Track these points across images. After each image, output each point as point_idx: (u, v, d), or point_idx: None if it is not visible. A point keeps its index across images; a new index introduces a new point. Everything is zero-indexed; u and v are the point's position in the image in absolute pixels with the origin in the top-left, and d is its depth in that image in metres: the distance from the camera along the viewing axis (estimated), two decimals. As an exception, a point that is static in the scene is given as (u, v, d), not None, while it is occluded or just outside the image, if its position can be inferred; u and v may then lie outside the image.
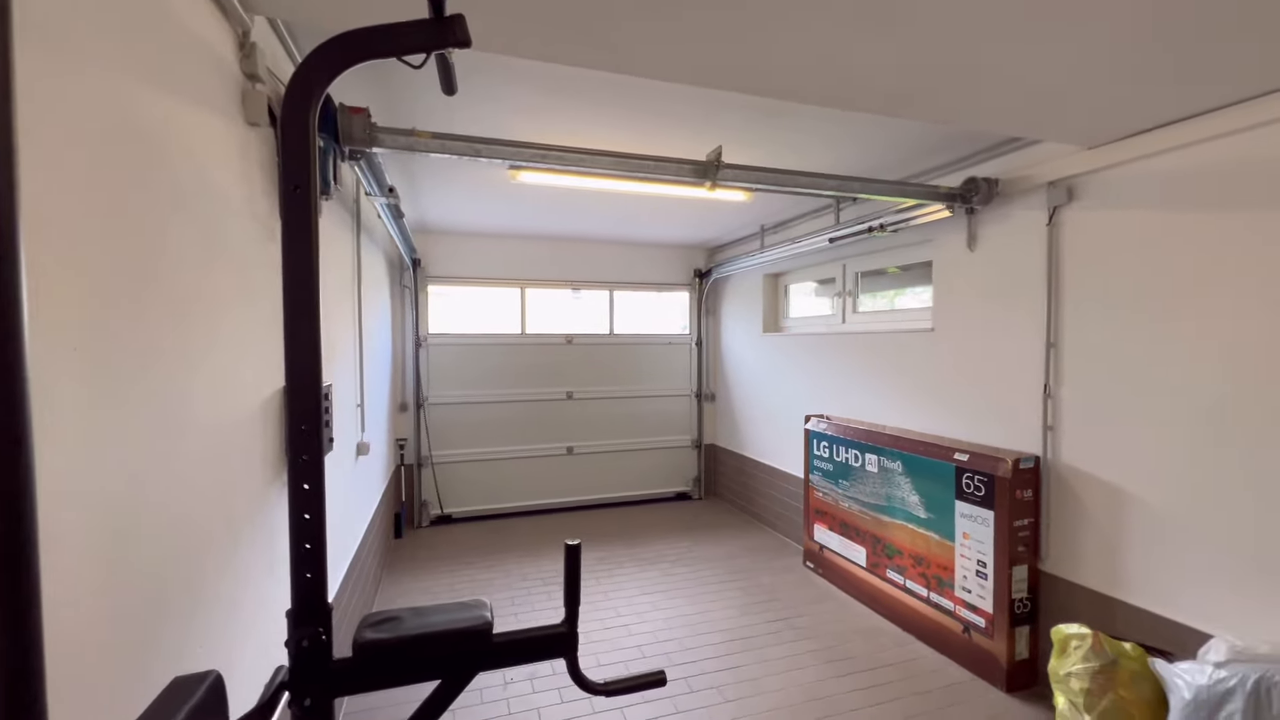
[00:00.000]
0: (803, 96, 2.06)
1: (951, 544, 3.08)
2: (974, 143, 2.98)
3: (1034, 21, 1.60)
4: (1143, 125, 2.33)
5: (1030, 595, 2.84)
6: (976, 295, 3.18)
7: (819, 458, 4.16)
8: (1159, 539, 2.41)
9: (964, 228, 3.22)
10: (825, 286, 4.72)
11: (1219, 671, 1.90)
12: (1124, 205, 2.50)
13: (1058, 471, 2.78)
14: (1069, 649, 2.38)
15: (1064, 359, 2.74)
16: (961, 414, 3.28)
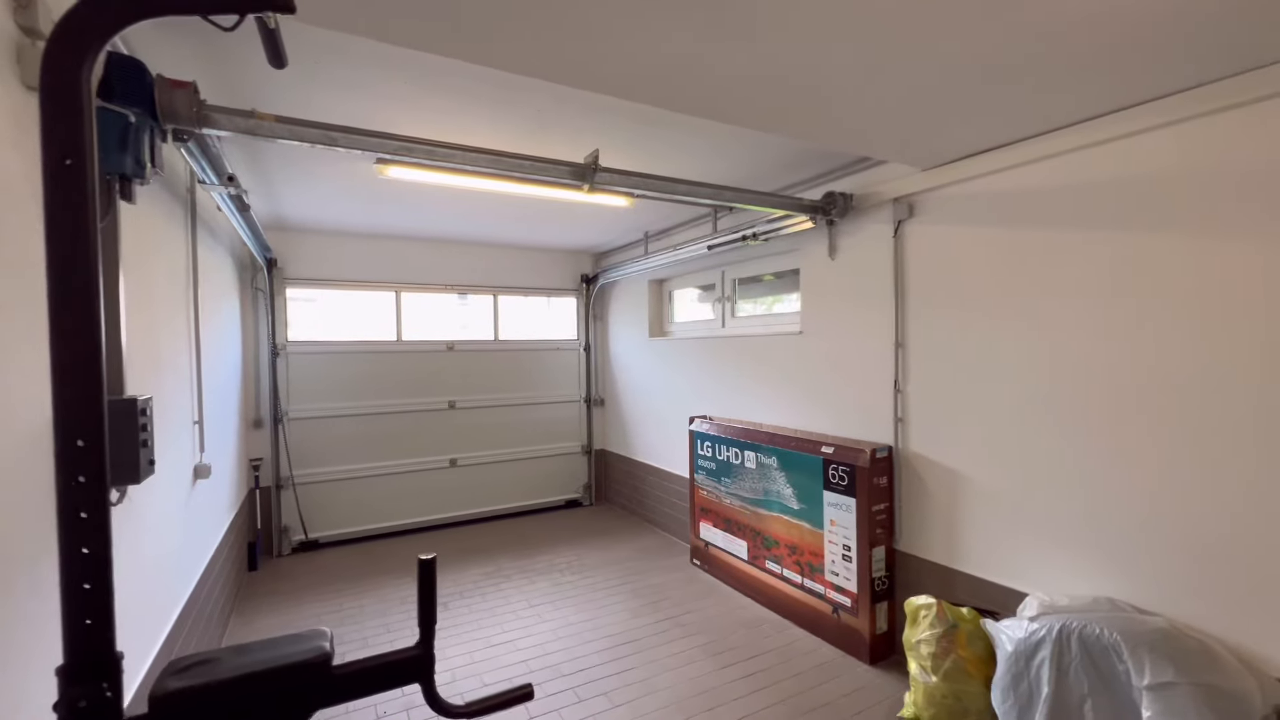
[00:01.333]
0: (672, 103, 2.11)
1: (821, 531, 3.30)
2: (832, 160, 3.24)
3: (875, 50, 1.77)
4: (966, 151, 2.66)
5: (888, 573, 3.11)
6: (838, 300, 3.45)
7: (703, 457, 4.29)
8: (988, 515, 2.74)
9: (825, 238, 3.48)
10: (707, 292, 4.91)
11: (1032, 624, 2.19)
12: (954, 220, 2.83)
13: (907, 459, 3.08)
14: (919, 619, 2.63)
15: (910, 358, 3.05)
16: (828, 410, 3.53)
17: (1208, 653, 1.91)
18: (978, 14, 1.59)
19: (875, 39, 1.71)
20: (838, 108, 2.18)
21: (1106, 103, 2.15)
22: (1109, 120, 2.24)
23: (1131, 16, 1.60)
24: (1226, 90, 1.95)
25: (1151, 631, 1.97)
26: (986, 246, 2.70)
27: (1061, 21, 1.63)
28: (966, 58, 1.82)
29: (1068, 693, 2.06)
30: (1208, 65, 1.88)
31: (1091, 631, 2.03)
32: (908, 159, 2.79)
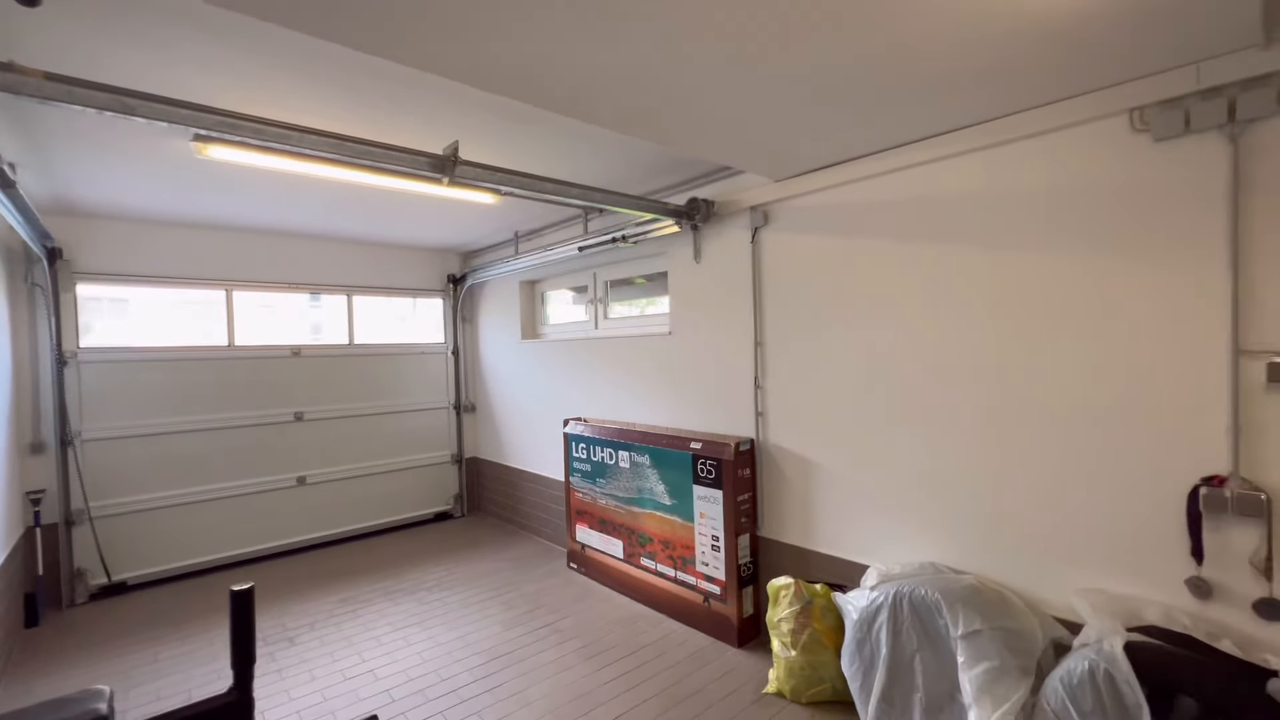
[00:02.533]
0: (535, 98, 2.07)
1: (692, 524, 3.42)
2: (696, 167, 3.38)
3: (729, 65, 1.86)
4: (813, 165, 2.90)
5: (752, 559, 3.30)
6: (703, 302, 3.61)
7: (578, 459, 4.27)
8: (836, 498, 3.01)
9: (691, 242, 3.63)
10: (580, 294, 4.89)
11: (873, 593, 2.44)
12: (802, 229, 3.08)
13: (768, 451, 3.30)
14: (779, 599, 2.82)
15: (768, 355, 3.26)
16: (696, 407, 3.68)
17: (1004, 601, 2.25)
18: (807, 43, 1.73)
19: (727, 56, 1.80)
20: (698, 114, 2.27)
21: (923, 130, 2.46)
22: (925, 145, 2.56)
23: (938, 57, 1.85)
24: (1018, 123, 2.32)
25: (964, 588, 2.27)
26: (828, 253, 2.97)
27: (876, 55, 1.83)
28: (801, 81, 1.99)
29: (901, 651, 2.32)
30: (1001, 102, 2.22)
31: (919, 594, 2.31)
32: (762, 170, 2.99)
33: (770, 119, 2.32)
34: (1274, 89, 1.80)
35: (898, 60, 1.88)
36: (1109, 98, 2.09)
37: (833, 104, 2.20)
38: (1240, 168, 1.89)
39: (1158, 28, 1.72)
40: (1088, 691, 1.86)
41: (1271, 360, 1.84)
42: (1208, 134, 1.93)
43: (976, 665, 2.10)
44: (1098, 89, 2.11)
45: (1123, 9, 1.62)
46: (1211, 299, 1.94)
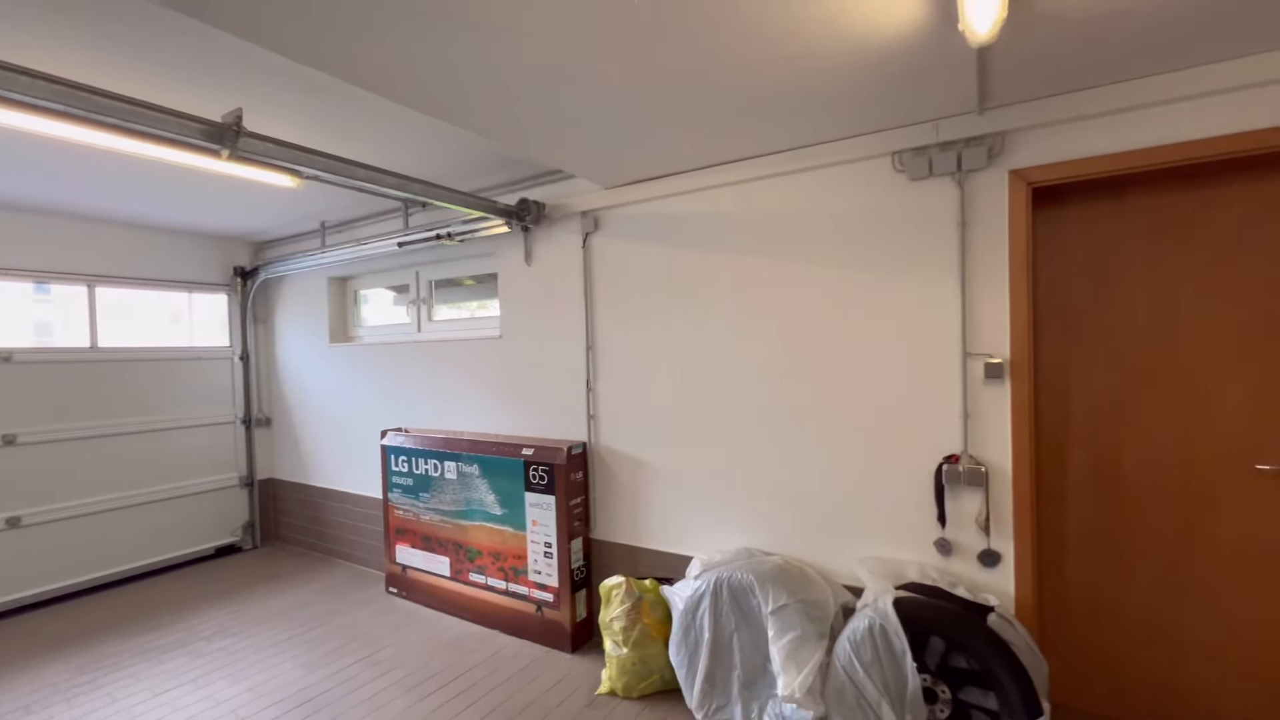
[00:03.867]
0: (331, 68, 1.85)
1: (524, 533, 3.33)
2: (527, 168, 3.32)
3: (550, 68, 1.85)
4: (639, 176, 3.02)
5: (585, 562, 3.32)
6: (535, 305, 3.55)
7: (398, 473, 3.92)
8: (663, 494, 3.15)
9: (522, 244, 3.55)
10: (402, 294, 4.51)
11: (696, 582, 2.59)
12: (630, 236, 3.19)
13: (599, 453, 3.34)
14: (611, 598, 2.87)
15: (599, 358, 3.31)
16: (529, 412, 3.60)
17: (805, 576, 2.53)
18: (635, 59, 1.80)
19: (557, 60, 1.79)
20: (526, 114, 2.23)
21: (740, 151, 2.70)
22: (742, 165, 2.81)
23: (750, 89, 2.03)
24: (815, 154, 2.64)
25: (773, 568, 2.52)
26: (655, 260, 3.11)
27: (697, 79, 1.96)
28: (630, 94, 2.06)
29: (721, 632, 2.49)
30: (802, 134, 2.51)
31: (736, 578, 2.50)
32: (593, 176, 3.03)
33: (598, 127, 2.36)
34: (985, 147, 2.29)
35: (718, 87, 2.03)
36: (879, 141, 2.49)
37: (657, 119, 2.30)
38: (965, 206, 2.36)
39: (910, 89, 2.09)
40: (867, 645, 2.17)
41: (987, 360, 2.32)
42: (945, 178, 2.39)
43: (784, 636, 2.33)
44: (871, 132, 2.49)
45: (890, 68, 1.94)
46: (951, 310, 2.40)
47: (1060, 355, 2.39)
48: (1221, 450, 2.15)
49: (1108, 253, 2.31)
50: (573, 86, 2.02)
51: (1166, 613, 2.26)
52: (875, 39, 1.76)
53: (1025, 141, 2.26)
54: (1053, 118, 2.18)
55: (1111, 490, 2.33)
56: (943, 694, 2.17)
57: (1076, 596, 2.40)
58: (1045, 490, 2.43)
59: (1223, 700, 2.18)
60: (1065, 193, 2.32)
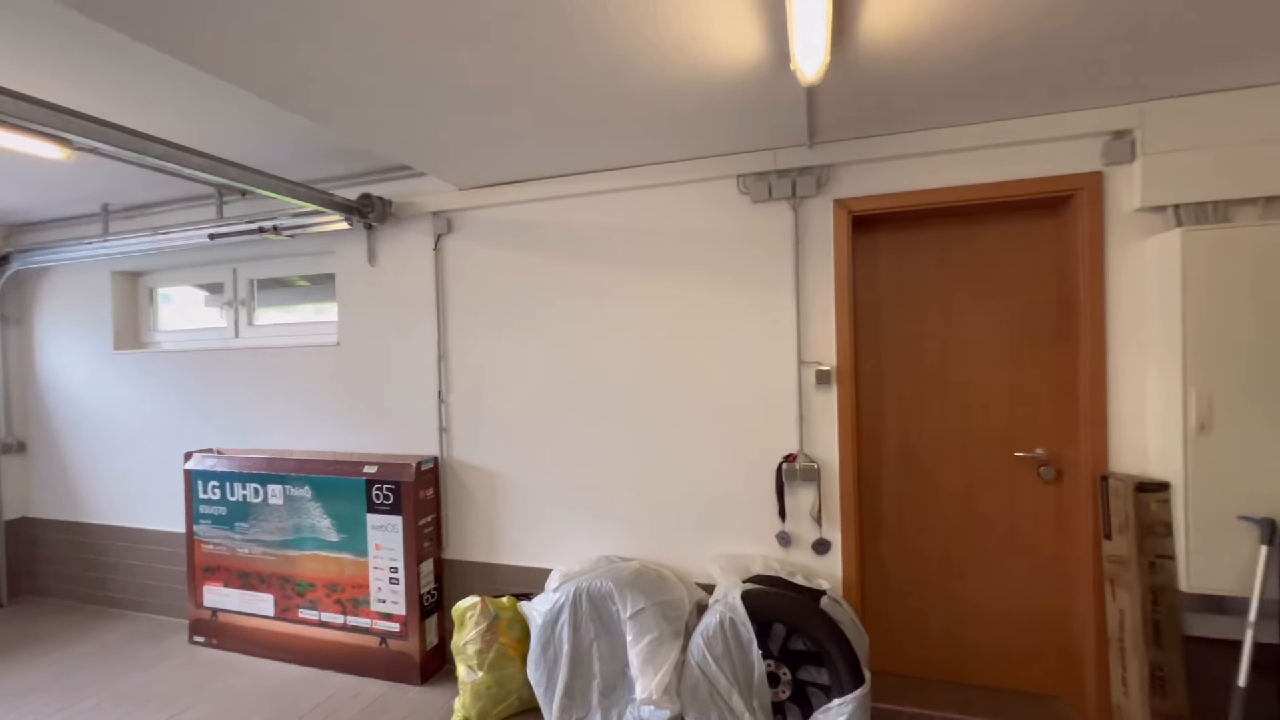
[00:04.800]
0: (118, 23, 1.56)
1: (365, 560, 3.04)
2: (371, 161, 3.06)
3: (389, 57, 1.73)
4: (495, 179, 2.93)
5: (436, 585, 3.11)
6: (380, 310, 3.27)
7: (207, 502, 3.37)
8: (521, 506, 3.06)
9: (365, 243, 3.26)
10: (215, 294, 3.91)
11: (555, 594, 2.54)
12: (486, 240, 3.08)
13: (452, 468, 3.16)
14: (465, 621, 2.71)
15: (452, 367, 3.14)
16: (372, 427, 3.30)
17: (662, 578, 2.61)
18: (470, 62, 1.75)
19: (399, 51, 1.67)
20: (368, 104, 2.05)
21: (596, 163, 2.73)
22: (600, 176, 2.84)
23: (605, 104, 2.07)
24: (670, 171, 2.75)
25: (631, 574, 2.56)
26: (513, 266, 3.04)
27: (550, 87, 1.96)
28: (472, 95, 1.99)
29: (581, 643, 2.47)
30: (657, 150, 2.60)
31: (595, 586, 2.50)
32: (446, 176, 2.88)
33: (450, 126, 2.25)
34: (814, 176, 2.56)
35: (574, 97, 2.04)
36: (725, 164, 2.66)
37: (511, 123, 2.25)
38: (799, 229, 2.62)
39: (752, 118, 2.26)
40: (719, 639, 2.29)
41: (818, 368, 2.58)
42: (782, 202, 2.63)
43: (642, 640, 2.37)
44: (719, 155, 2.66)
45: (735, 96, 2.08)
46: (789, 323, 2.64)
47: (875, 363, 2.74)
48: (991, 442, 2.61)
49: (910, 275, 2.69)
50: (421, 79, 1.90)
51: (955, 581, 2.67)
52: (722, 69, 1.89)
53: (846, 175, 2.56)
54: (867, 156, 2.50)
55: (914, 479, 2.71)
56: (784, 676, 2.35)
57: (890, 573, 2.74)
58: (865, 482, 2.75)
59: (996, 652, 2.62)
60: (879, 222, 2.67)
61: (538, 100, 2.08)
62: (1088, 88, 2.08)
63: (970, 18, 1.64)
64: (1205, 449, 2.02)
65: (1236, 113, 2.10)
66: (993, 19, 1.65)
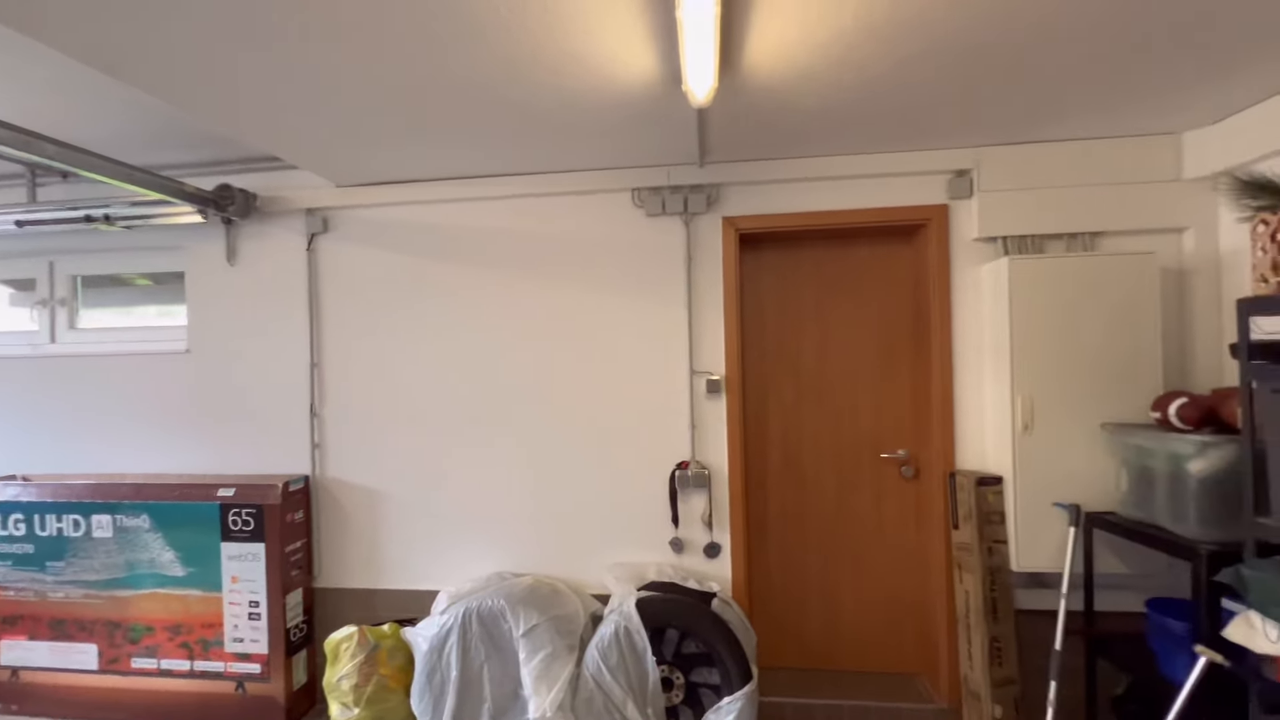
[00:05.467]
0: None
1: (219, 595, 2.69)
2: (233, 148, 2.75)
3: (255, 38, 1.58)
4: (379, 178, 2.76)
5: (306, 617, 2.82)
6: (240, 314, 2.95)
7: (8, 539, 2.82)
8: (406, 526, 2.87)
9: (223, 238, 2.93)
10: (25, 291, 3.30)
11: (443, 617, 2.41)
12: (368, 242, 2.88)
13: (326, 487, 2.90)
14: (340, 655, 2.49)
15: (326, 378, 2.89)
16: (230, 444, 2.95)
17: (556, 592, 2.56)
18: (349, 54, 1.65)
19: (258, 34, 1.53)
20: (227, 86, 1.85)
21: (485, 168, 2.66)
22: (490, 182, 2.77)
23: (491, 109, 2.02)
24: (565, 180, 2.74)
25: (524, 589, 2.49)
26: (397, 271, 2.87)
27: (429, 89, 1.89)
28: (351, 89, 1.87)
29: (470, 667, 2.36)
30: (550, 159, 2.58)
31: (486, 605, 2.40)
32: (322, 171, 2.67)
33: (326, 118, 2.09)
34: (705, 195, 2.67)
35: (466, 99, 1.97)
36: (621, 177, 2.71)
37: (397, 121, 2.14)
38: (691, 244, 2.72)
39: (647, 134, 2.32)
40: (614, 649, 2.28)
41: (709, 377, 2.69)
42: (675, 218, 2.72)
43: (535, 657, 2.31)
44: (615, 168, 2.70)
45: (631, 111, 2.12)
46: (682, 334, 2.72)
47: (760, 373, 2.90)
48: (860, 445, 2.85)
49: (791, 291, 2.89)
50: (281, 67, 1.74)
51: (830, 575, 2.87)
52: (618, 84, 1.92)
53: (735, 194, 2.70)
54: (753, 178, 2.66)
55: (795, 480, 2.89)
56: (677, 680, 2.40)
57: (774, 572, 2.90)
58: (752, 486, 2.89)
59: (866, 638, 2.85)
60: (763, 240, 2.84)
61: (419, 102, 1.99)
62: (937, 131, 2.37)
63: (841, 61, 1.80)
64: (1028, 446, 2.35)
65: (1049, 161, 2.48)
66: (861, 63, 1.82)
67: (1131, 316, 2.30)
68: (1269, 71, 1.90)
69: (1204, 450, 1.85)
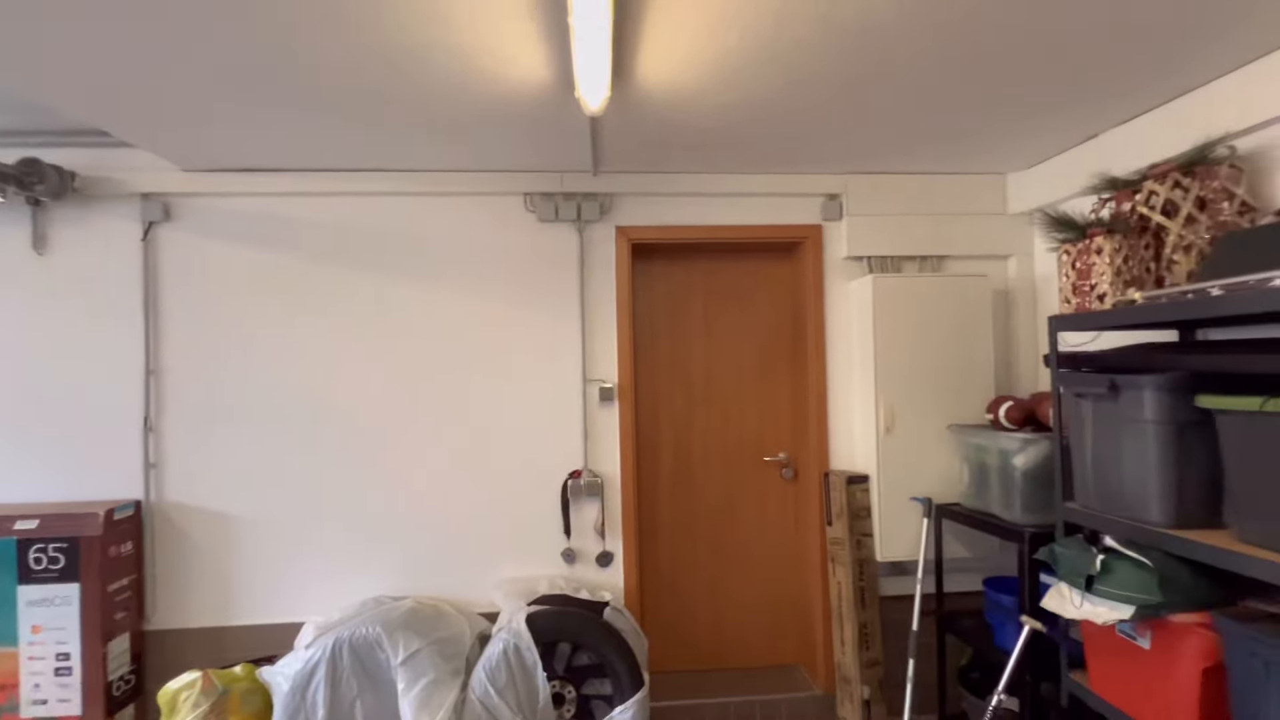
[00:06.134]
0: None
1: (14, 649, 2.24)
2: (46, 117, 2.33)
3: None
4: (237, 164, 2.47)
5: (135, 666, 2.43)
6: (51, 312, 2.50)
7: None
8: (265, 552, 2.57)
9: (29, 222, 2.47)
10: None
11: (307, 652, 2.17)
12: (222, 234, 2.57)
13: (164, 513, 2.52)
14: (179, 705, 2.16)
15: (166, 387, 2.53)
16: (32, 467, 2.47)
17: (440, 614, 2.41)
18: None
19: None
20: (31, 36, 1.57)
21: (364, 161, 2.48)
22: (368, 177, 2.59)
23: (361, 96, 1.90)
24: (452, 180, 2.61)
25: (403, 613, 2.31)
26: (255, 269, 2.58)
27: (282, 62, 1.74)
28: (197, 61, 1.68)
29: (340, 704, 2.15)
30: (433, 157, 2.46)
31: (360, 634, 2.20)
32: (163, 151, 2.34)
33: (151, 91, 1.83)
34: (598, 203, 2.68)
35: (336, 84, 1.82)
36: (512, 180, 2.64)
37: (256, 102, 1.93)
38: (584, 252, 2.71)
39: (538, 139, 2.29)
40: (502, 668, 2.19)
41: (602, 385, 2.68)
42: (568, 225, 2.70)
43: (415, 686, 2.15)
44: (505, 170, 2.63)
45: (520, 114, 2.08)
46: (575, 341, 2.69)
47: (652, 380, 2.95)
48: (745, 449, 2.98)
49: (681, 301, 2.97)
50: (106, 34, 1.51)
51: (718, 576, 2.97)
52: (510, 86, 1.87)
53: (628, 204, 2.74)
54: (646, 190, 2.71)
55: (685, 485, 2.96)
56: (569, 694, 2.35)
57: (666, 576, 2.94)
58: (644, 493, 2.92)
59: (751, 635, 2.98)
60: (655, 250, 2.90)
61: (268, 85, 1.81)
62: (814, 157, 2.56)
63: (728, 82, 1.89)
64: (890, 446, 2.59)
65: (905, 191, 2.78)
66: (746, 84, 1.92)
67: (970, 331, 2.62)
68: (1067, 129, 2.27)
69: (1025, 447, 2.14)
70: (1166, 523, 1.50)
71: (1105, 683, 1.67)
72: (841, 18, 1.55)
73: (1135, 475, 1.57)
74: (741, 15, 1.53)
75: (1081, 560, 1.60)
